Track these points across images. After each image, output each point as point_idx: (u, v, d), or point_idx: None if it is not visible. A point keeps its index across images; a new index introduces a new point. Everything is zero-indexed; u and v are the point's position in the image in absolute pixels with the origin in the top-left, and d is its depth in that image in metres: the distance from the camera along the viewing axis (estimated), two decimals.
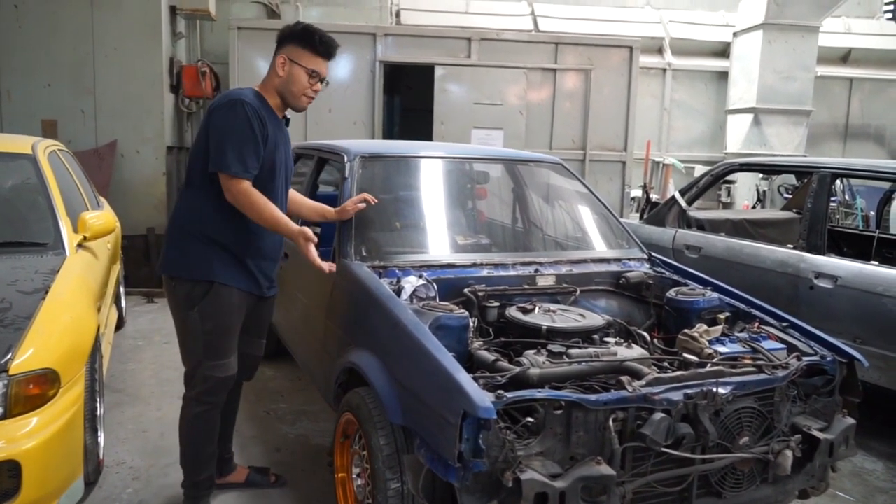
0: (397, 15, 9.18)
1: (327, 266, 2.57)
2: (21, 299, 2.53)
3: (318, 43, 2.50)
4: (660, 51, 9.66)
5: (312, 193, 3.62)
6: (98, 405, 2.85)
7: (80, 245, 3.27)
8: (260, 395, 3.99)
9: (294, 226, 2.45)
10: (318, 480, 3.00)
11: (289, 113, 2.67)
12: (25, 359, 2.24)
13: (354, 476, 2.42)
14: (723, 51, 9.71)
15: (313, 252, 2.44)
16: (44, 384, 2.27)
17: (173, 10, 7.16)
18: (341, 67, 6.79)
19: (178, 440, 2.66)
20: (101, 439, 2.98)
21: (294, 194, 2.87)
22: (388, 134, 8.35)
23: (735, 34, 9.22)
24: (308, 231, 2.43)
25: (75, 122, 6.69)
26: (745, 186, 8.78)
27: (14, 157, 3.54)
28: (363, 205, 2.81)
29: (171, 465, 3.03)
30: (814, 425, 2.26)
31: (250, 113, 2.39)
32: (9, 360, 2.20)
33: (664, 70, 9.48)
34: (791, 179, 8.05)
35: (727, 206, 8.83)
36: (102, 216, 3.45)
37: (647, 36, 9.45)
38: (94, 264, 3.42)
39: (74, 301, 2.73)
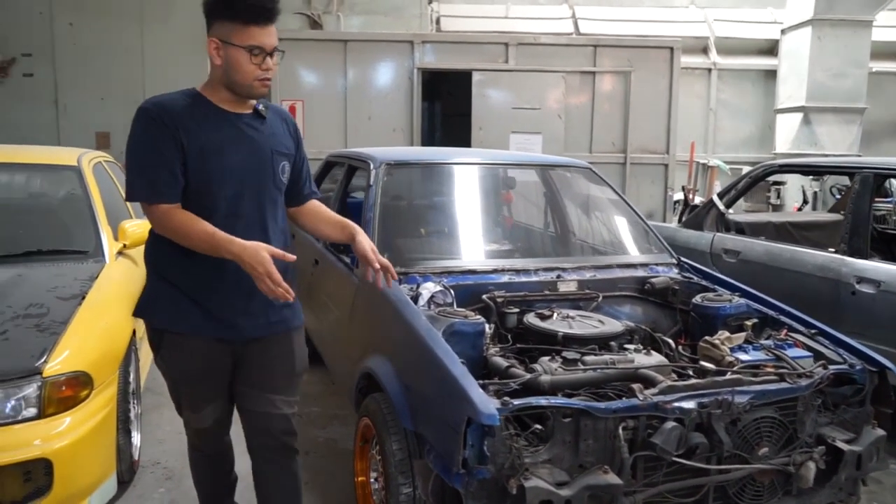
0: (437, 22, 9.25)
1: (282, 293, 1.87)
2: (58, 305, 2.64)
3: (243, 9, 1.90)
4: (704, 50, 9.48)
5: (343, 201, 3.69)
6: (132, 407, 2.95)
7: (119, 253, 3.40)
8: None
9: (238, 242, 1.85)
10: (344, 484, 3.04)
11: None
12: (59, 362, 2.35)
13: (372, 480, 2.45)
14: (770, 49, 9.47)
15: (274, 276, 1.83)
16: (76, 386, 2.38)
17: None
18: (380, 75, 6.88)
19: None
20: (137, 440, 3.08)
21: (313, 208, 2.33)
22: (429, 140, 8.42)
23: (783, 31, 8.97)
24: (262, 251, 1.84)
25: (127, 134, 6.95)
26: (795, 188, 8.52)
27: (60, 168, 3.70)
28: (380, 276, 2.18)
29: None
30: (840, 436, 2.19)
31: (149, 120, 1.90)
32: (43, 363, 2.31)
33: (709, 70, 9.30)
34: (844, 180, 7.79)
35: (777, 208, 8.59)
36: (142, 225, 3.58)
37: (691, 35, 9.29)
38: (133, 271, 3.54)
39: (110, 307, 2.84)
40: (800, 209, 7.88)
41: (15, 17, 6.83)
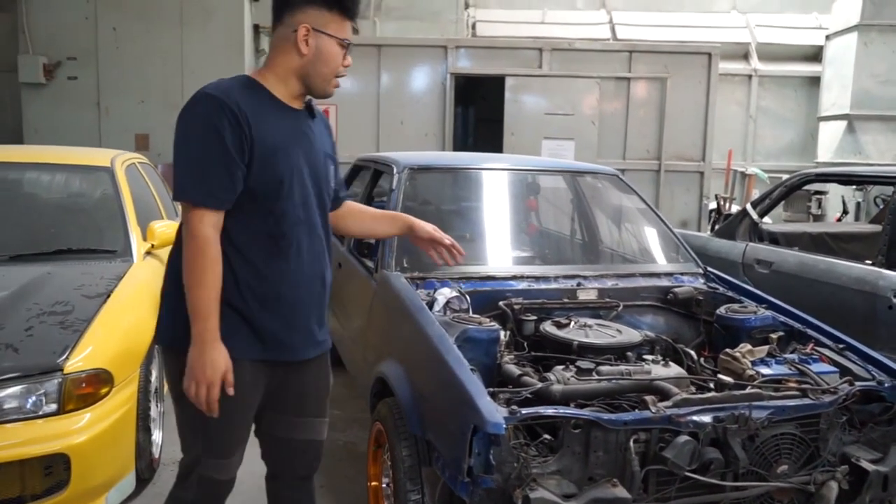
0: (473, 27, 9.26)
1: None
2: (83, 302, 2.70)
3: (348, 1, 1.81)
4: (745, 56, 9.30)
5: (368, 204, 3.70)
6: (153, 406, 3.00)
7: (147, 253, 3.47)
8: None
9: (215, 333, 1.67)
10: (360, 488, 3.04)
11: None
12: (81, 359, 2.40)
13: (384, 486, 2.45)
14: (814, 55, 9.25)
15: (213, 393, 1.66)
16: (97, 383, 2.43)
17: (256, 29, 7.50)
18: (413, 80, 6.91)
19: None
20: (159, 438, 3.13)
21: (355, 209, 2.24)
22: (462, 145, 8.41)
23: (828, 37, 8.75)
24: (224, 365, 1.67)
25: (166, 136, 7.10)
26: (837, 198, 8.28)
27: (94, 169, 3.79)
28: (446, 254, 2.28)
29: None
30: (865, 456, 2.10)
31: (215, 110, 1.67)
32: (65, 360, 2.36)
33: (749, 76, 9.11)
34: (889, 190, 7.54)
35: (817, 218, 8.36)
36: (171, 225, 3.64)
37: (732, 41, 9.12)
38: (160, 271, 3.59)
39: (134, 306, 2.89)
40: (840, 219, 7.65)
41: (62, 21, 7.05)
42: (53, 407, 2.31)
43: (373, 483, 2.57)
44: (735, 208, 6.88)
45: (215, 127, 1.67)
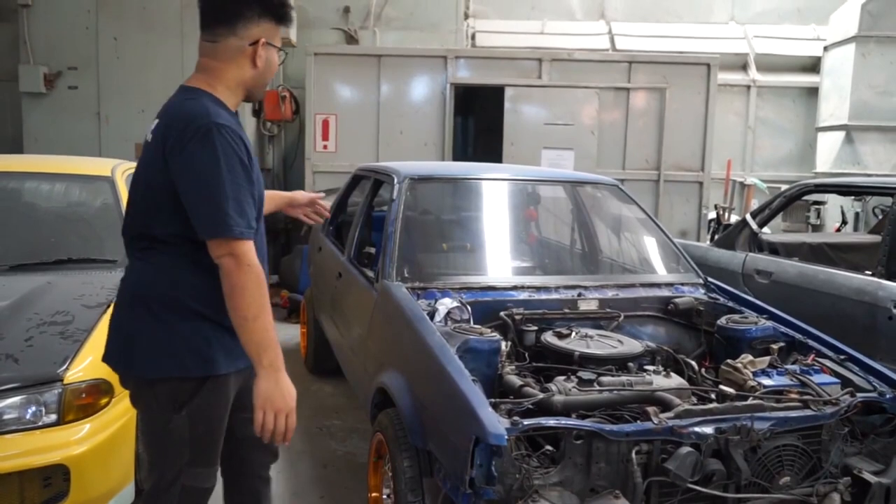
0: (473, 37, 9.28)
1: None
2: (83, 312, 2.70)
3: (285, 10, 1.83)
4: (744, 67, 9.32)
5: (368, 214, 3.70)
6: None
7: None
8: (316, 411, 4.08)
9: (281, 359, 1.72)
10: (360, 499, 3.03)
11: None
12: (81, 369, 2.39)
13: (385, 497, 2.44)
14: (812, 66, 9.27)
15: (292, 420, 1.75)
16: (96, 394, 2.41)
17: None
18: (413, 90, 6.92)
19: None
20: None
21: None
22: (462, 155, 8.42)
23: (826, 48, 8.77)
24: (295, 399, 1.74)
25: None
26: (836, 208, 8.29)
27: (94, 179, 3.79)
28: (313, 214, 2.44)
29: None
30: (867, 467, 2.09)
31: (231, 140, 1.69)
32: (65, 370, 2.36)
33: (748, 87, 9.13)
34: (888, 201, 7.54)
35: (816, 228, 8.36)
36: None
37: (731, 52, 9.14)
38: None
39: None
40: (839, 230, 7.66)
41: (62, 31, 7.06)
42: (53, 417, 2.30)
43: (373, 494, 2.56)
44: (734, 218, 6.88)
45: (238, 157, 1.69)
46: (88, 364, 2.43)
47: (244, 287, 1.65)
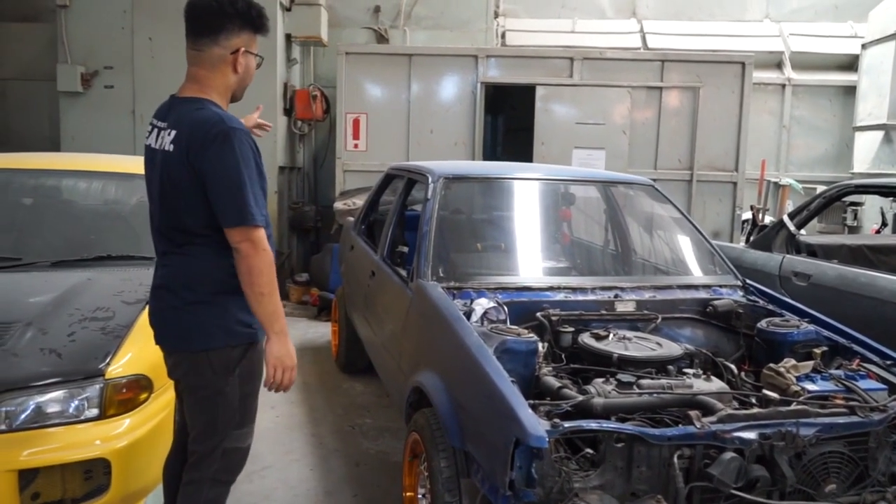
0: (503, 36, 9.24)
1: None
2: (123, 309, 2.73)
3: (262, 20, 2.07)
4: (779, 65, 9.16)
5: (401, 213, 3.70)
6: None
7: None
8: (348, 409, 4.09)
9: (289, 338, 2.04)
10: (393, 498, 3.03)
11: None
12: (121, 365, 2.43)
13: (420, 496, 2.43)
14: (850, 64, 9.08)
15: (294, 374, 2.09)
16: (136, 389, 2.45)
17: (289, 38, 7.57)
18: (443, 89, 6.91)
19: (264, 450, 2.73)
20: None
21: None
22: (491, 154, 8.40)
23: (864, 46, 8.58)
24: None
25: None
26: (874, 209, 8.11)
27: (132, 177, 3.83)
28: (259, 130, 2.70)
29: (256, 472, 3.18)
30: None
31: (247, 141, 1.97)
32: (106, 366, 2.39)
33: (783, 86, 8.97)
34: None
35: (853, 230, 8.19)
36: None
37: (765, 50, 8.98)
38: None
39: None
40: (878, 231, 7.50)
41: (99, 31, 7.16)
42: (95, 412, 2.33)
43: (408, 493, 2.56)
44: (769, 219, 6.77)
45: (253, 156, 1.97)
46: (129, 360, 2.46)
47: (260, 268, 1.92)
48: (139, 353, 2.51)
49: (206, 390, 2.08)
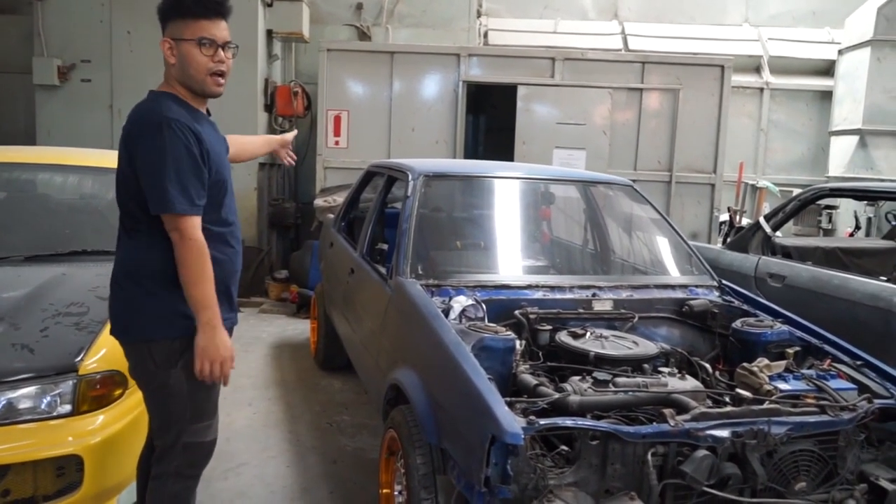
0: (485, 36, 9.26)
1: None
2: (98, 304, 2.69)
3: (192, 4, 1.98)
4: (757, 69, 9.27)
5: (381, 211, 3.70)
6: None
7: None
8: (325, 406, 4.08)
9: (218, 314, 1.98)
10: (369, 495, 3.03)
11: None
12: (95, 360, 2.40)
13: (396, 493, 2.43)
14: (826, 69, 9.22)
15: (230, 365, 2.02)
16: (110, 385, 2.42)
17: (270, 34, 7.52)
18: (425, 87, 6.90)
19: (241, 447, 2.72)
20: None
21: (238, 139, 2.54)
22: (472, 153, 8.40)
23: (840, 51, 8.72)
24: (231, 350, 2.02)
25: None
26: (848, 213, 8.24)
27: (108, 171, 3.77)
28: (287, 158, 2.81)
29: (231, 469, 3.16)
30: (884, 475, 2.08)
31: (181, 132, 1.92)
32: (79, 361, 2.36)
33: (761, 89, 9.08)
34: None
35: (828, 232, 8.31)
36: None
37: (744, 54, 9.09)
38: None
39: None
40: (852, 235, 7.62)
41: (76, 24, 7.07)
42: (68, 408, 2.30)
43: (384, 490, 2.56)
44: (745, 221, 6.84)
45: (185, 146, 1.93)
46: (103, 355, 2.43)
47: (185, 257, 1.93)
48: (113, 348, 2.46)
49: (152, 384, 2.08)
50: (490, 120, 8.91)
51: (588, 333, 2.51)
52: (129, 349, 2.10)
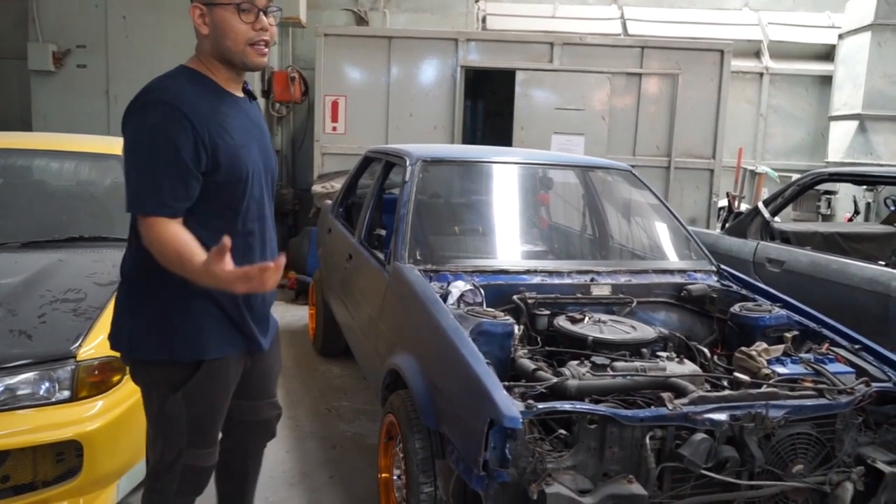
0: (483, 20, 9.20)
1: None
2: (95, 290, 2.70)
3: None
4: (757, 54, 9.23)
5: (379, 196, 3.69)
6: None
7: None
8: (324, 392, 4.09)
9: (199, 258, 1.59)
10: (369, 480, 3.04)
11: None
12: (93, 346, 2.40)
13: (395, 477, 2.44)
14: (826, 54, 9.17)
15: (270, 268, 1.56)
16: (108, 371, 2.42)
17: None
18: (423, 72, 6.87)
19: None
20: None
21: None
22: (471, 139, 8.38)
23: (840, 36, 8.67)
24: (214, 256, 1.55)
25: None
26: (847, 198, 8.23)
27: (106, 157, 3.78)
28: None
29: None
30: (881, 457, 2.08)
31: (168, 118, 1.64)
32: (77, 347, 2.36)
33: (761, 74, 9.04)
34: None
35: (827, 218, 8.31)
36: None
37: (744, 39, 9.04)
38: None
39: None
40: (851, 220, 7.62)
41: (72, 9, 7.02)
42: (66, 394, 2.30)
43: (383, 475, 2.57)
44: (744, 206, 6.84)
45: (168, 136, 1.63)
46: (101, 341, 2.42)
47: (158, 259, 1.66)
48: None
49: (148, 403, 1.89)
50: (488, 105, 8.87)
51: (586, 318, 2.51)
52: (129, 366, 1.94)
